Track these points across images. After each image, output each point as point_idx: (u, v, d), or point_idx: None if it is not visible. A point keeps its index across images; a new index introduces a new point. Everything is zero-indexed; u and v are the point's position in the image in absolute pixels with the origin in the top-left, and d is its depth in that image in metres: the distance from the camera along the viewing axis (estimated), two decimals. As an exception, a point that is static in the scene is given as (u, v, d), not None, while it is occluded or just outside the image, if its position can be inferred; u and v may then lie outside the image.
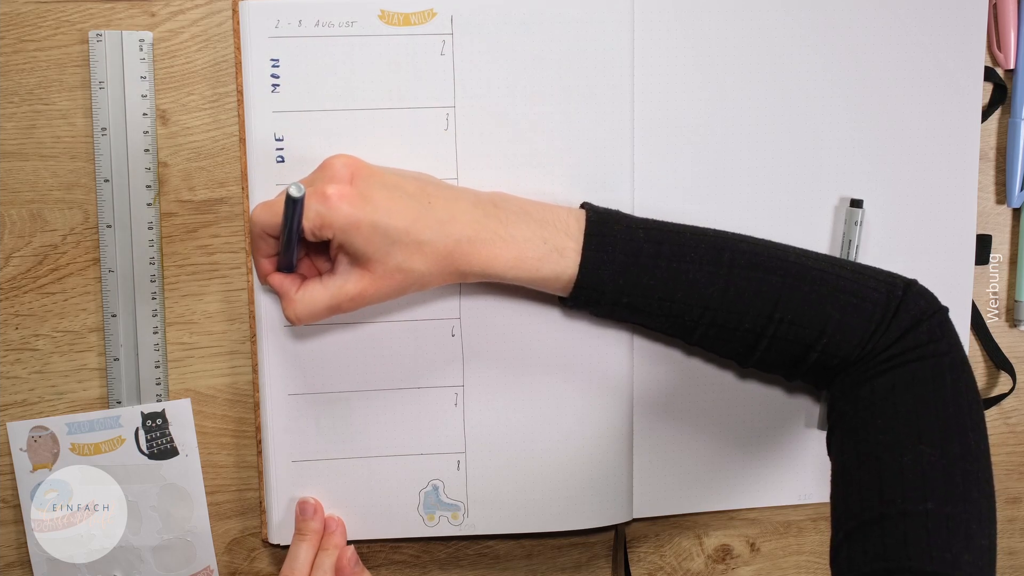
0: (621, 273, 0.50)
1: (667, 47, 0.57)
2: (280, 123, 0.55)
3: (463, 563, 0.62)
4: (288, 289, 0.51)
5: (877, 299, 0.50)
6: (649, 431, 0.60)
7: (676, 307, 0.51)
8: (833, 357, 0.50)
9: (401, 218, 0.48)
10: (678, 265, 0.50)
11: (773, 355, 0.52)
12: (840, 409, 0.50)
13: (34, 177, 0.56)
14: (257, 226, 0.50)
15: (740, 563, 0.64)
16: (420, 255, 0.49)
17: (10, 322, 0.57)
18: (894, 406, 0.48)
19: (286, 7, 0.54)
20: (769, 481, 0.62)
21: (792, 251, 0.52)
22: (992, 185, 0.63)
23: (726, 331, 0.51)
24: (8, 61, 0.55)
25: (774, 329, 0.50)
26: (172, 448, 0.58)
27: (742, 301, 0.50)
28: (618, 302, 0.51)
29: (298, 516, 0.57)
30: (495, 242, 0.50)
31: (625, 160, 0.58)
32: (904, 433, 0.47)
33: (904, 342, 0.49)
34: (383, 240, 0.48)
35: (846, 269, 0.52)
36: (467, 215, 0.50)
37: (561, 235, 0.50)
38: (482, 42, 0.56)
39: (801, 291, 0.50)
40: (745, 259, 0.51)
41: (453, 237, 0.49)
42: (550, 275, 0.51)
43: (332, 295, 0.50)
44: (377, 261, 0.48)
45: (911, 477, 0.45)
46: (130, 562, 0.58)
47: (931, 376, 0.48)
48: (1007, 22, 0.60)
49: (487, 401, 0.58)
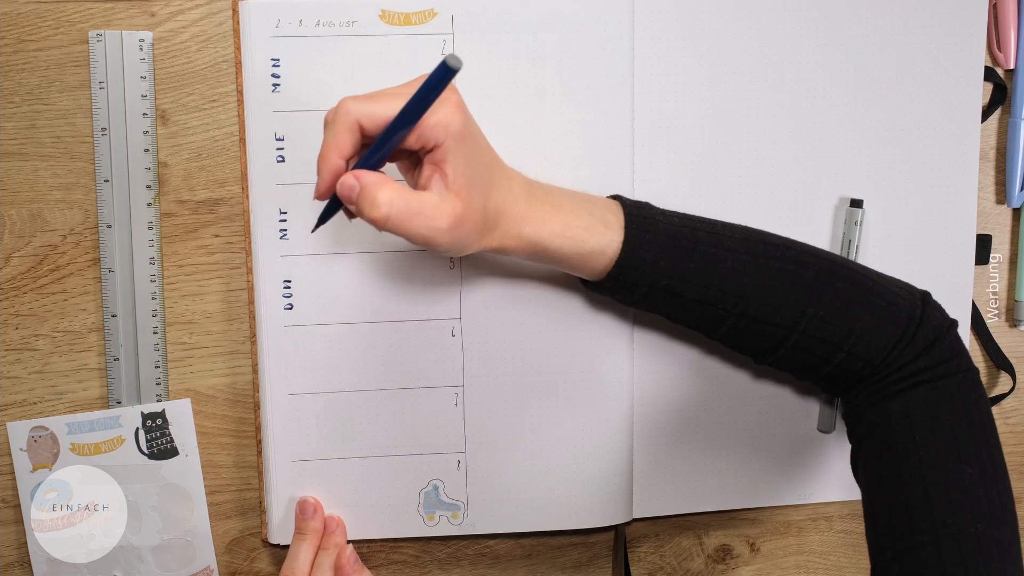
0: (663, 253, 0.49)
1: (667, 47, 0.57)
2: (280, 123, 0.55)
3: (463, 563, 0.62)
4: (382, 181, 0.42)
5: (903, 306, 0.50)
6: (649, 431, 0.60)
7: (712, 294, 0.49)
8: (858, 360, 0.50)
9: (489, 153, 0.46)
10: (716, 251, 0.49)
11: (798, 353, 0.51)
12: (870, 421, 0.49)
13: (34, 177, 0.56)
14: (354, 116, 0.42)
15: (740, 563, 0.64)
16: (490, 200, 0.45)
17: (10, 322, 0.57)
18: (932, 422, 0.47)
19: (286, 7, 0.54)
20: (769, 481, 0.62)
21: (822, 251, 0.52)
22: (992, 185, 0.63)
23: (756, 323, 0.50)
24: (8, 61, 0.55)
25: (805, 324, 0.49)
26: (172, 448, 0.58)
27: (777, 293, 0.49)
28: (656, 284, 0.50)
29: (298, 516, 0.57)
30: (545, 208, 0.48)
31: (625, 160, 0.58)
32: (946, 451, 0.46)
33: (931, 356, 0.49)
34: (480, 161, 0.44)
35: (872, 273, 0.51)
36: (521, 179, 0.49)
37: (604, 211, 0.49)
38: (482, 42, 0.56)
39: (834, 288, 0.49)
40: (779, 251, 0.50)
41: (513, 194, 0.47)
42: (595, 248, 0.49)
43: (428, 207, 0.43)
44: (471, 185, 0.44)
45: (958, 497, 0.45)
46: (130, 562, 0.58)
47: (959, 394, 0.48)
48: (1007, 22, 0.60)
49: (487, 401, 0.58)
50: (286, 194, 0.56)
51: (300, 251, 0.56)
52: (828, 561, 0.65)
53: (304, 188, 0.56)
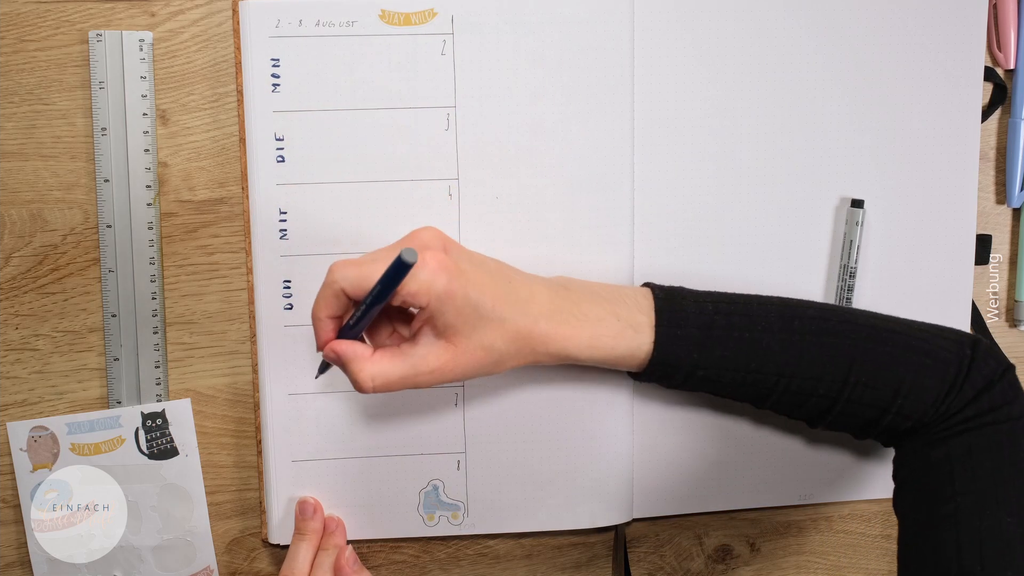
0: (696, 347, 0.50)
1: (667, 47, 0.57)
2: (280, 123, 0.55)
3: (463, 563, 0.62)
4: (362, 355, 0.47)
5: (949, 359, 0.49)
6: (649, 431, 0.60)
7: (751, 376, 0.50)
8: (907, 419, 0.50)
9: (489, 295, 0.46)
10: (751, 335, 0.50)
11: (847, 418, 0.51)
12: (912, 467, 0.50)
13: (34, 177, 0.56)
14: (339, 285, 0.45)
15: (740, 563, 0.64)
16: (502, 333, 0.47)
17: (10, 322, 0.57)
18: (972, 470, 0.47)
19: (286, 7, 0.54)
20: (769, 481, 0.62)
21: (860, 314, 0.52)
22: (992, 185, 0.63)
23: (800, 396, 0.51)
24: (8, 61, 0.55)
25: (849, 392, 0.50)
26: (172, 448, 0.58)
27: (817, 366, 0.50)
28: (693, 375, 0.51)
29: (298, 516, 0.57)
30: (571, 322, 0.49)
31: (625, 160, 0.58)
32: (983, 498, 0.46)
33: (979, 404, 0.49)
34: (472, 314, 0.46)
35: (914, 328, 0.51)
36: (543, 295, 0.49)
37: (633, 311, 0.50)
38: (482, 42, 0.56)
39: (875, 353, 0.49)
40: (815, 324, 0.50)
41: (532, 316, 0.48)
42: (626, 352, 0.50)
43: (412, 365, 0.47)
44: (463, 336, 0.46)
45: (991, 544, 0.45)
46: (130, 562, 0.58)
47: (1007, 440, 0.48)
48: (1007, 22, 0.60)
49: (487, 401, 0.58)
50: (286, 194, 0.56)
51: (300, 251, 0.56)
52: (828, 561, 0.65)
53: (304, 188, 0.56)
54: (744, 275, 0.59)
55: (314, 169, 0.56)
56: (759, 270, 0.60)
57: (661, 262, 0.59)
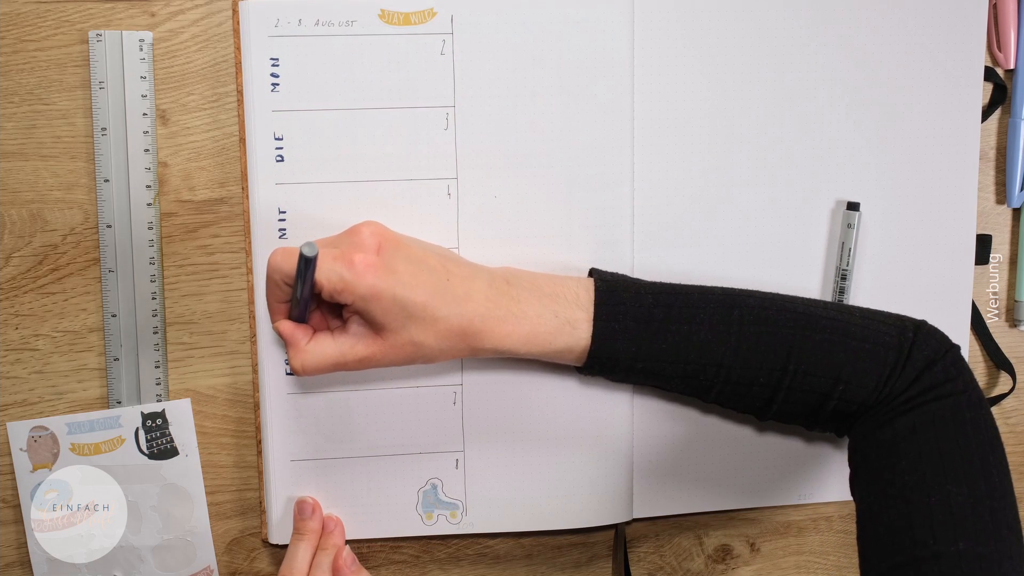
0: (634, 341, 0.50)
1: (667, 47, 0.57)
2: (280, 123, 0.55)
3: (463, 563, 0.62)
4: (298, 339, 0.50)
5: (889, 343, 0.50)
6: (649, 431, 0.60)
7: (691, 368, 0.51)
8: (851, 404, 0.50)
9: (421, 293, 0.48)
10: (689, 327, 0.50)
11: (791, 407, 0.52)
12: (862, 451, 0.50)
13: (34, 177, 0.56)
14: (274, 272, 0.49)
15: (740, 563, 0.64)
16: (434, 331, 0.49)
17: (10, 322, 0.57)
18: (917, 447, 0.48)
19: (286, 7, 0.55)
20: (769, 481, 0.62)
21: (800, 301, 0.52)
22: (992, 185, 0.63)
23: (741, 387, 0.51)
24: (8, 61, 0.55)
25: (789, 381, 0.50)
26: (172, 448, 0.58)
27: (755, 357, 0.50)
28: (632, 368, 0.51)
29: (296, 516, 0.57)
30: (508, 320, 0.50)
31: (625, 160, 0.58)
32: (930, 474, 0.47)
33: (920, 383, 0.49)
34: (401, 312, 0.48)
35: (855, 315, 0.52)
36: (482, 294, 0.50)
37: (572, 307, 0.51)
38: (482, 42, 0.56)
39: (812, 341, 0.50)
40: (754, 315, 0.51)
41: (467, 316, 0.49)
42: (563, 348, 0.51)
43: (341, 353, 0.50)
44: (391, 331, 0.49)
45: (941, 518, 0.45)
46: (130, 562, 0.58)
47: (951, 416, 0.48)
48: (1007, 22, 0.60)
49: (486, 400, 0.58)
50: (286, 194, 0.56)
51: (300, 251, 0.56)
52: (828, 561, 0.65)
53: (303, 187, 0.56)
54: (743, 275, 0.59)
55: (314, 168, 0.56)
56: (758, 270, 0.60)
57: (660, 262, 0.59)
